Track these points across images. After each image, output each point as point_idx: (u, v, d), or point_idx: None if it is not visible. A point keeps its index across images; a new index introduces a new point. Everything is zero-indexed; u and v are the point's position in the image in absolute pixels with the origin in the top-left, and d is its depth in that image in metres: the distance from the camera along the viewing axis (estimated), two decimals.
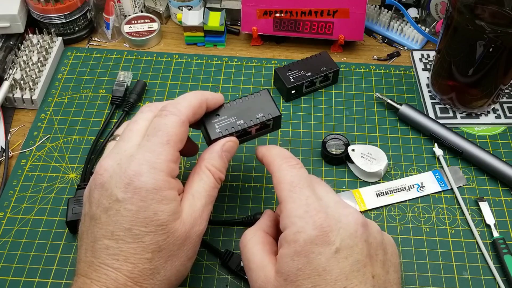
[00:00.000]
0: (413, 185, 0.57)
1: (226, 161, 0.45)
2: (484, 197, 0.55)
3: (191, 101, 0.44)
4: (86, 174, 0.56)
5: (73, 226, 0.52)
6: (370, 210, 0.55)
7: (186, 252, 0.40)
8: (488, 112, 0.62)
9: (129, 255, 0.37)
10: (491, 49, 0.52)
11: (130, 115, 0.63)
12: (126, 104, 0.63)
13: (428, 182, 0.56)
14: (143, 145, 0.41)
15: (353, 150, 0.56)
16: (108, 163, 0.40)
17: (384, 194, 0.56)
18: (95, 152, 0.58)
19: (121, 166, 0.39)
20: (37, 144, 0.59)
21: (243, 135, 0.49)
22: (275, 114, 0.48)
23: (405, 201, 0.56)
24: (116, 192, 0.38)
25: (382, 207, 0.55)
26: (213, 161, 0.44)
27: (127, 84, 0.64)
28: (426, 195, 0.56)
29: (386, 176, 0.57)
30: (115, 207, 0.38)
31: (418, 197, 0.56)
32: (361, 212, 0.55)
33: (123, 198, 0.38)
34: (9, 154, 0.59)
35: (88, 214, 0.40)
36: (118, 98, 0.63)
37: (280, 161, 0.41)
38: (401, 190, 0.57)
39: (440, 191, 0.56)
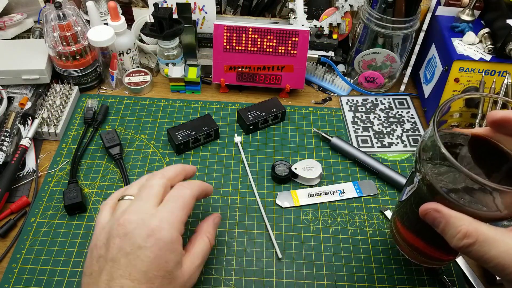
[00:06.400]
0: (336, 190, 0.61)
1: (216, 230, 0.51)
2: (392, 206, 0.59)
3: (200, 185, 0.49)
4: (73, 172, 0.62)
5: (69, 209, 0.58)
6: (302, 206, 0.60)
7: None
8: (398, 143, 0.68)
9: None
10: None
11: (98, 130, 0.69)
12: (95, 123, 0.69)
13: (348, 190, 0.61)
14: (165, 206, 0.44)
15: (295, 168, 0.62)
16: (132, 218, 0.42)
17: (314, 196, 0.61)
18: (77, 157, 0.64)
19: (144, 221, 0.42)
20: (59, 167, 0.64)
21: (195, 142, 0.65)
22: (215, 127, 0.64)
23: (330, 201, 0.60)
24: (139, 241, 0.41)
25: (310, 205, 0.60)
26: (210, 230, 0.50)
27: (94, 109, 0.70)
28: (346, 199, 0.61)
29: (320, 184, 0.62)
30: (136, 253, 0.40)
31: (340, 200, 0.61)
32: (294, 207, 0.59)
33: (144, 246, 0.41)
34: (39, 174, 0.63)
35: (104, 256, 0.42)
36: (89, 119, 0.69)
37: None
38: (327, 194, 0.61)
39: (357, 197, 0.61)
